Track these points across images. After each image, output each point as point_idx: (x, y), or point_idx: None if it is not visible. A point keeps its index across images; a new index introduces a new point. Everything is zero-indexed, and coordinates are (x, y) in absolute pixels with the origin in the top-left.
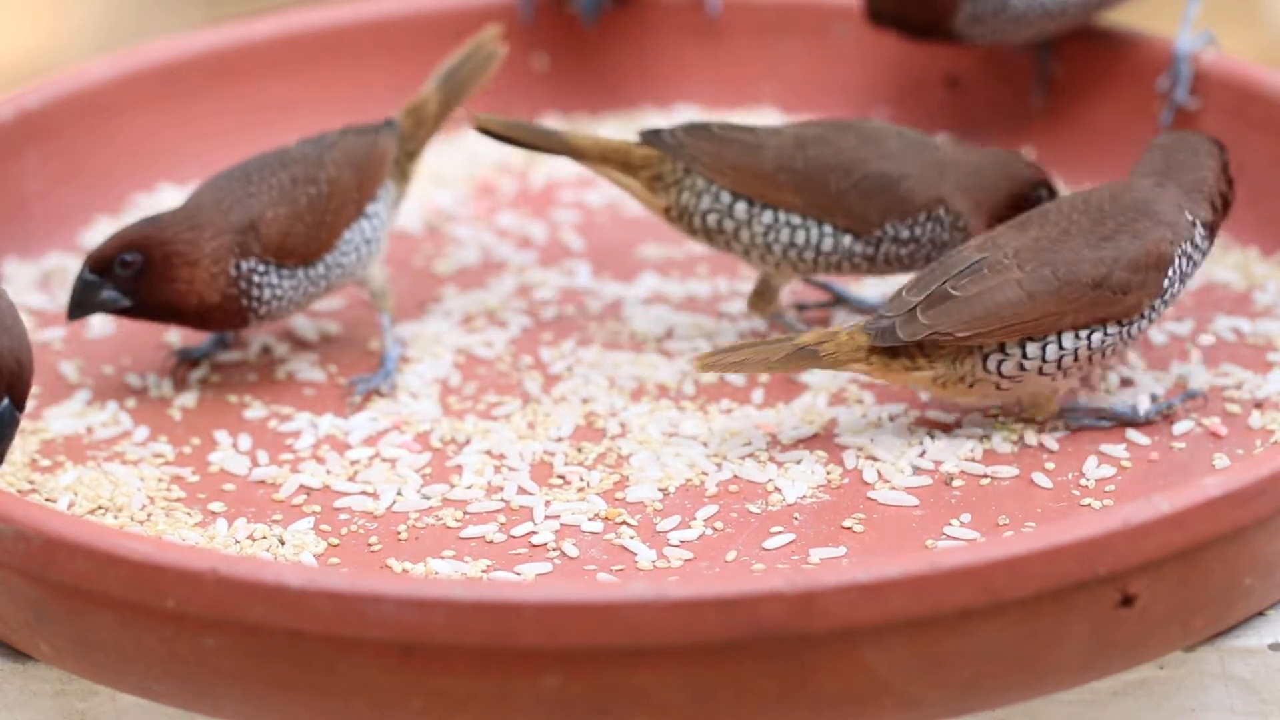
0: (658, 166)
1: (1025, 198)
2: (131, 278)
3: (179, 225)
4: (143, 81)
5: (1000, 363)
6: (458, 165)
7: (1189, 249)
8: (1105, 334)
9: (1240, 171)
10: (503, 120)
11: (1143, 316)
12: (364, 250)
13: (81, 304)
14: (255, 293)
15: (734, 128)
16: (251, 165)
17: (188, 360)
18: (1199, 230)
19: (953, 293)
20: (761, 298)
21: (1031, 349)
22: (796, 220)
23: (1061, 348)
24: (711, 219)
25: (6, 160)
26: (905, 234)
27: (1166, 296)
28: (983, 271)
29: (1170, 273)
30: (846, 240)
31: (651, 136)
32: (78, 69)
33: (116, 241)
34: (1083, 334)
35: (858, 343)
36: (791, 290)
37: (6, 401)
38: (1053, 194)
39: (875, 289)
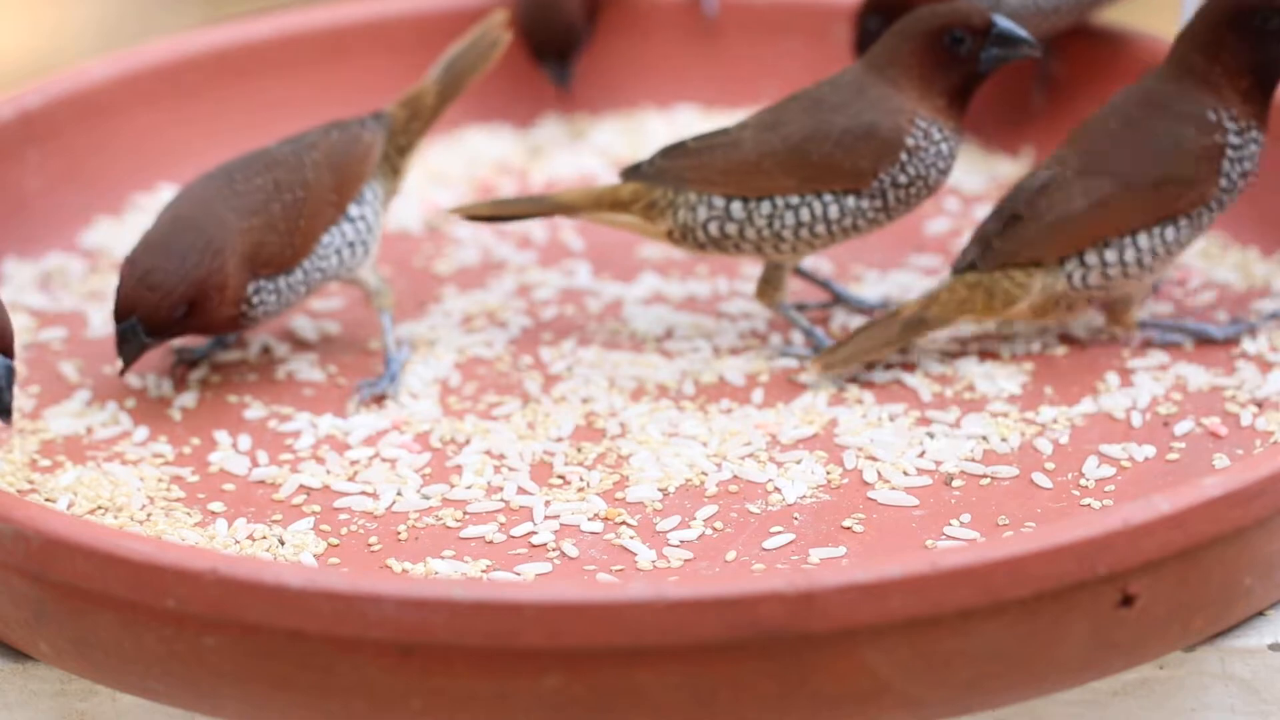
0: (648, 196)
1: (941, 50)
2: (180, 325)
3: (204, 259)
4: (143, 81)
5: (1084, 275)
6: (458, 165)
7: (1230, 136)
8: (1177, 228)
9: None
10: (489, 204)
11: (1209, 208)
12: (346, 253)
13: (135, 358)
14: (248, 304)
15: (706, 136)
16: (234, 167)
17: (186, 361)
18: (1227, 117)
19: (1023, 215)
20: (769, 284)
21: (1110, 255)
22: (795, 200)
23: (1138, 249)
24: (713, 228)
25: (6, 160)
26: (904, 176)
27: (1226, 184)
28: (1049, 189)
29: (1223, 163)
30: (850, 200)
31: (632, 172)
32: (78, 69)
33: (167, 300)
34: (1155, 231)
35: (958, 296)
36: (791, 291)
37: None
38: (973, 30)
39: (876, 288)
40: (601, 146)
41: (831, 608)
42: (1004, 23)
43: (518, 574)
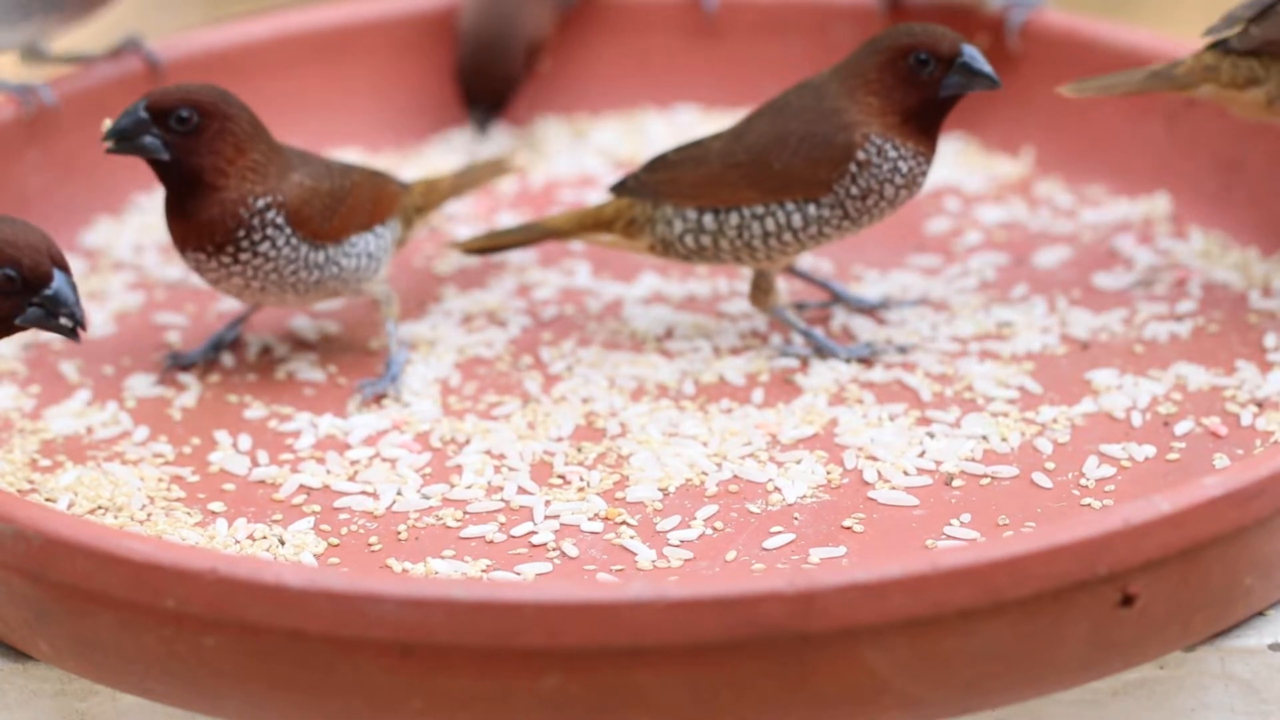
0: (628, 214)
1: (903, 68)
2: (180, 135)
3: (245, 114)
4: (142, 82)
5: None
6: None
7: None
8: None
9: (1240, 171)
10: (485, 236)
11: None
12: (364, 262)
13: (126, 137)
14: (256, 235)
15: (684, 148)
16: (306, 154)
17: (179, 365)
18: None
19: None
20: (759, 290)
21: None
22: (760, 210)
23: None
24: (690, 240)
25: (6, 160)
26: (858, 187)
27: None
28: None
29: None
30: (811, 209)
31: (619, 188)
32: (78, 69)
33: (181, 95)
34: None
35: (1205, 62)
36: (790, 290)
37: (57, 273)
38: (938, 54)
39: (876, 287)
40: (601, 146)
41: (831, 608)
42: (971, 53)
43: (518, 574)
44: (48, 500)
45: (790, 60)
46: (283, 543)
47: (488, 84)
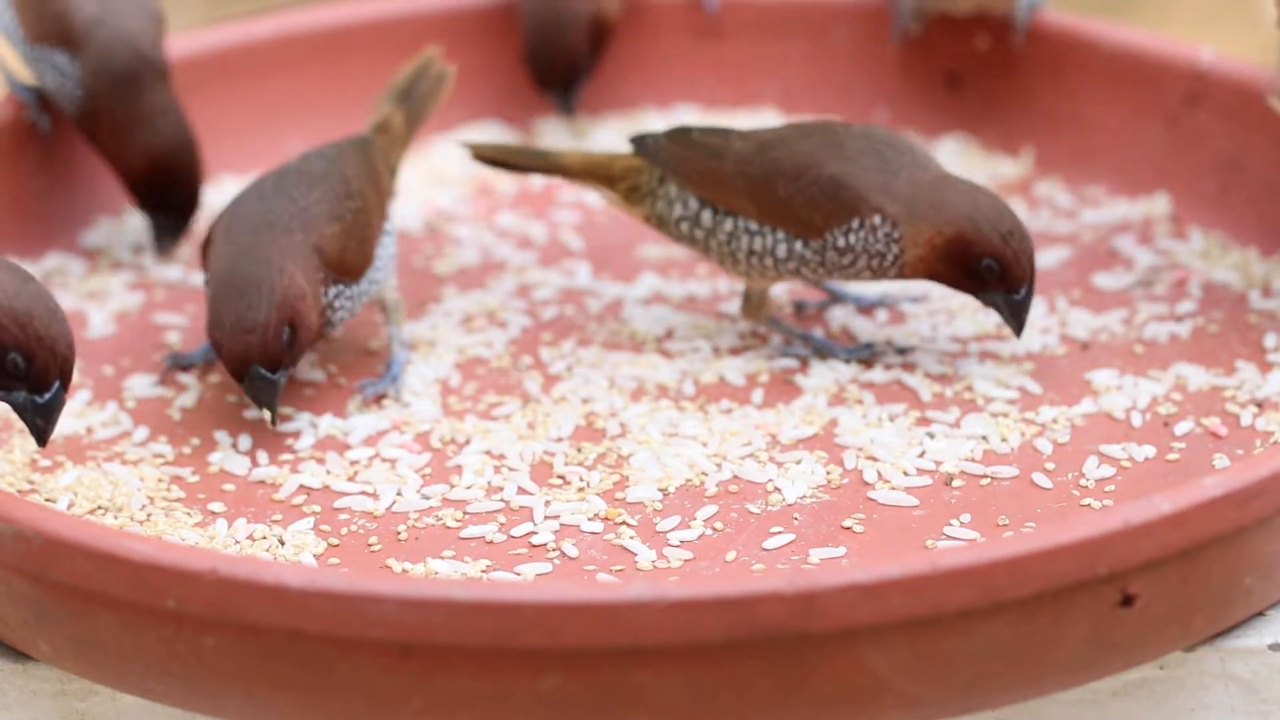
0: (635, 178)
1: (970, 258)
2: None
3: (276, 280)
4: None
5: None
6: (458, 165)
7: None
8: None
9: (1240, 171)
10: (497, 147)
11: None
12: (388, 266)
13: (275, 397)
14: (330, 309)
15: (710, 132)
16: (285, 180)
17: (179, 365)
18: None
19: None
20: (749, 303)
21: None
22: (754, 226)
23: None
24: (684, 226)
25: (6, 160)
26: (842, 242)
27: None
28: None
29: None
30: (798, 245)
31: (638, 141)
32: None
33: (269, 333)
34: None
35: None
36: (789, 290)
37: (57, 385)
38: (1003, 276)
39: (875, 285)
40: (601, 146)
41: (831, 608)
42: (1025, 294)
43: (518, 574)
44: (48, 500)
45: (790, 60)
46: (283, 543)
47: (552, 67)
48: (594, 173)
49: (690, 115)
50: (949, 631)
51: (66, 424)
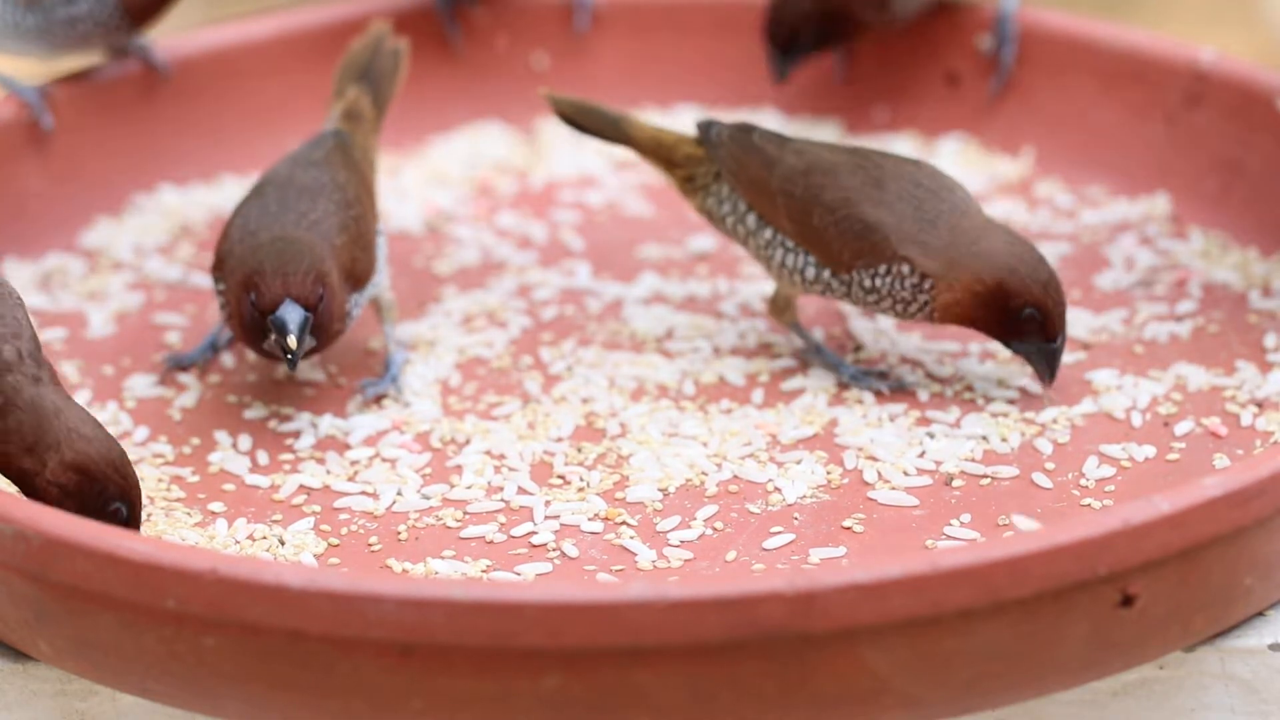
0: (693, 168)
1: (1011, 308)
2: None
3: (327, 261)
4: (142, 81)
5: None
6: (458, 165)
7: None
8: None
9: (1240, 171)
10: (573, 102)
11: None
12: (384, 267)
13: (303, 340)
14: (349, 318)
15: (770, 138)
16: (286, 194)
17: (178, 366)
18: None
19: None
20: (775, 304)
21: None
22: (790, 244)
23: None
24: (730, 222)
25: (6, 160)
26: (868, 282)
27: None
28: None
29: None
30: (826, 273)
31: (704, 128)
32: (78, 69)
33: (311, 276)
34: None
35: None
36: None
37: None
38: (1043, 325)
39: None
40: (602, 146)
41: (831, 608)
42: (1055, 351)
43: (518, 574)
44: None
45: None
46: (283, 543)
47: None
48: (658, 153)
49: (690, 115)
50: (949, 631)
51: None
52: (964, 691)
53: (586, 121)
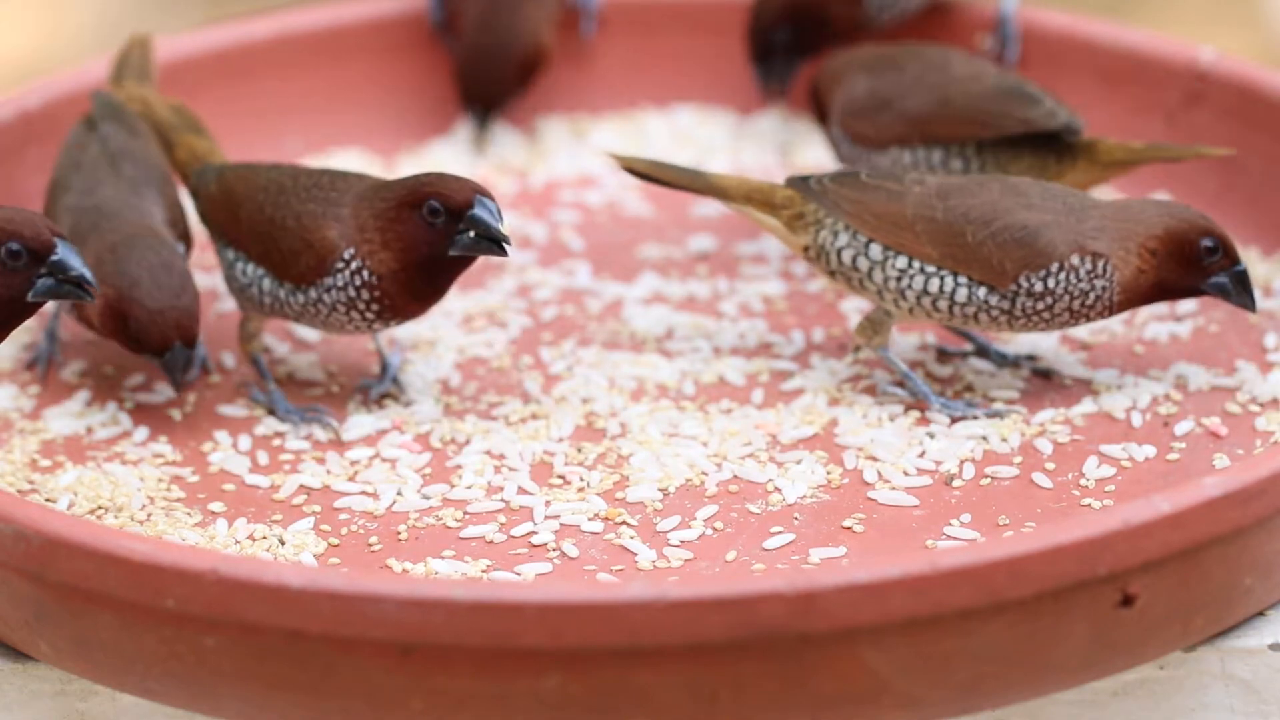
0: (800, 206)
1: (1192, 247)
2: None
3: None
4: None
5: None
6: (457, 165)
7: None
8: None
9: (1240, 172)
10: (647, 161)
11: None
12: None
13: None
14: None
15: (881, 174)
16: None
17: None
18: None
19: None
20: (871, 326)
21: None
22: (931, 269)
23: None
24: (846, 256)
25: (6, 160)
26: (1039, 287)
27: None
28: None
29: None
30: (982, 292)
31: (799, 183)
32: (78, 69)
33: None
34: None
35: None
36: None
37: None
38: (1225, 250)
39: (1025, 341)
40: (601, 146)
41: (831, 608)
42: (1245, 271)
43: (518, 574)
44: (48, 500)
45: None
46: (283, 543)
47: (481, 89)
48: (754, 199)
49: (690, 115)
50: (949, 631)
51: (66, 424)
52: (964, 691)
53: (665, 177)
